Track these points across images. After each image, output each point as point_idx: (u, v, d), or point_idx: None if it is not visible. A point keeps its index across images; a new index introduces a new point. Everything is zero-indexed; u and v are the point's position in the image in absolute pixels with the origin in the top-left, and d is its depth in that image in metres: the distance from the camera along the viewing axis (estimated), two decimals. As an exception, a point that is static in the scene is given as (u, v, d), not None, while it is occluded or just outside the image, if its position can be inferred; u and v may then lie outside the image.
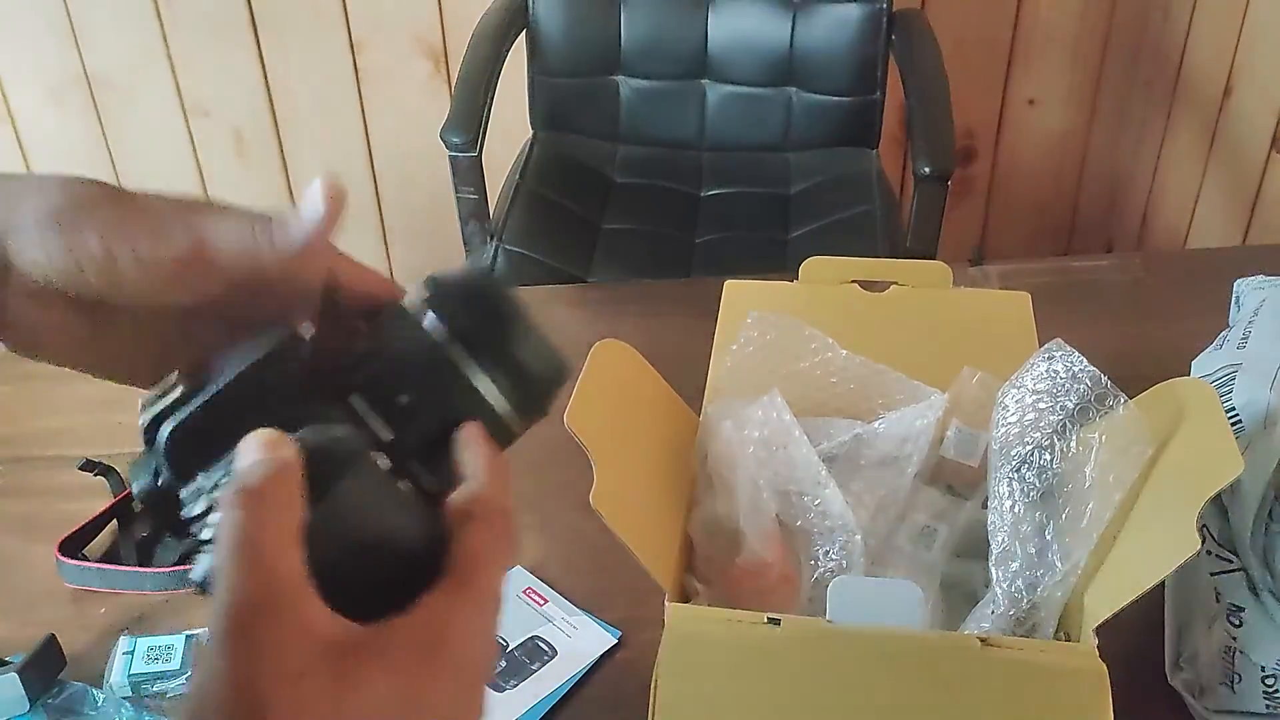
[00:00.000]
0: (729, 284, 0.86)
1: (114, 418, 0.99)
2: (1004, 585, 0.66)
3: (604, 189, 1.78)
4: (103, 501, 0.93)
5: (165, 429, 0.40)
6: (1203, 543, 0.59)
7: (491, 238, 1.64)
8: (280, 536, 0.35)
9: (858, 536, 0.70)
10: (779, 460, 0.72)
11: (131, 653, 0.80)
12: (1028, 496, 0.68)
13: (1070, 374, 0.70)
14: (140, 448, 0.41)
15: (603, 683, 0.78)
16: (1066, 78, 2.21)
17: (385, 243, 2.28)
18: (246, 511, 0.35)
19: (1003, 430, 0.71)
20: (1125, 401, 0.69)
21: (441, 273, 0.41)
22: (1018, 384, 0.72)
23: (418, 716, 0.35)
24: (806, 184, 1.77)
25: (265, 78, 2.10)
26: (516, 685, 0.77)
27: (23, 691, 0.76)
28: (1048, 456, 0.69)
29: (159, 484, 0.40)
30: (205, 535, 0.37)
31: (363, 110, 2.14)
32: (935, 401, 0.76)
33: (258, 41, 2.06)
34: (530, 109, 1.85)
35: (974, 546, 0.73)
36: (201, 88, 2.10)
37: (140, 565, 0.88)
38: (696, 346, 0.82)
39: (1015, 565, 0.66)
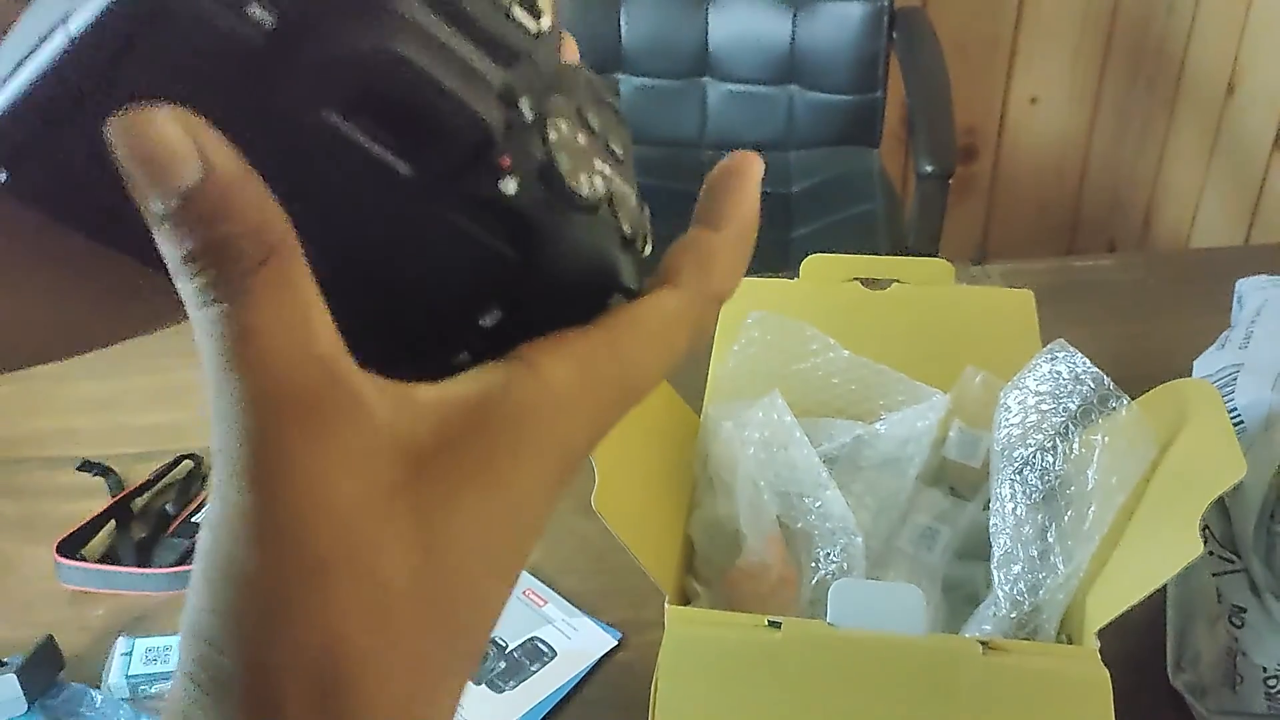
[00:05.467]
0: (729, 283, 0.86)
1: (112, 418, 0.99)
2: (1006, 587, 0.66)
3: (605, 187, 1.78)
4: (101, 502, 0.92)
5: None
6: (1204, 543, 0.59)
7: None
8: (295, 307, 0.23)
9: (859, 538, 0.69)
10: (779, 461, 0.72)
11: (130, 654, 0.80)
12: (1030, 498, 0.68)
13: (1073, 375, 0.70)
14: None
15: (603, 684, 0.78)
16: (1068, 76, 2.20)
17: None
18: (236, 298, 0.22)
19: (1004, 432, 0.71)
20: (1128, 403, 0.69)
21: None
22: (1020, 385, 0.72)
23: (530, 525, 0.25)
24: (808, 183, 1.76)
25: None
26: (516, 686, 0.77)
27: (21, 692, 0.76)
28: (1050, 458, 0.68)
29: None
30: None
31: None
32: (937, 402, 0.75)
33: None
34: (531, 107, 1.85)
35: (976, 548, 0.73)
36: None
37: (139, 566, 0.88)
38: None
39: (1017, 567, 0.66)
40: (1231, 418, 0.69)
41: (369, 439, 0.23)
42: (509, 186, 0.24)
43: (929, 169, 1.56)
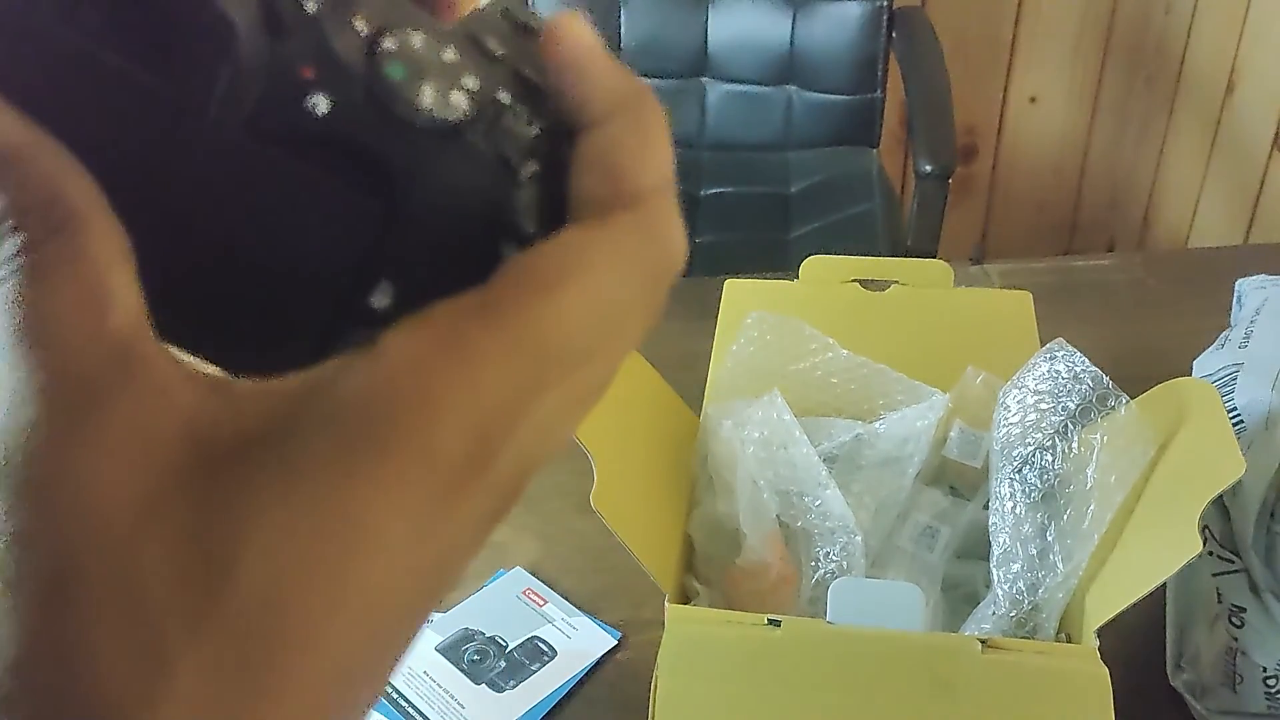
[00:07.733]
0: (729, 283, 0.86)
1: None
2: (1005, 586, 0.66)
3: (604, 187, 1.78)
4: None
5: None
6: (1204, 543, 0.59)
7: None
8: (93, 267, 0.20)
9: (858, 537, 0.69)
10: (779, 460, 0.72)
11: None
12: (1029, 497, 0.68)
13: (1072, 374, 0.70)
14: None
15: (602, 684, 0.78)
16: (1068, 75, 2.20)
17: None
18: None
19: (1004, 431, 0.71)
20: (1127, 402, 0.69)
21: None
22: (1019, 384, 0.72)
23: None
24: (807, 183, 1.76)
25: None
26: (516, 686, 0.77)
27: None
28: (1049, 457, 0.69)
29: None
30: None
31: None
32: (936, 402, 0.75)
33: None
34: (530, 107, 1.85)
35: (975, 547, 0.73)
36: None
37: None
38: (696, 346, 0.82)
39: (1016, 566, 0.66)
40: (1231, 417, 0.69)
41: (155, 427, 0.19)
42: (319, 105, 0.20)
43: (928, 169, 1.56)
